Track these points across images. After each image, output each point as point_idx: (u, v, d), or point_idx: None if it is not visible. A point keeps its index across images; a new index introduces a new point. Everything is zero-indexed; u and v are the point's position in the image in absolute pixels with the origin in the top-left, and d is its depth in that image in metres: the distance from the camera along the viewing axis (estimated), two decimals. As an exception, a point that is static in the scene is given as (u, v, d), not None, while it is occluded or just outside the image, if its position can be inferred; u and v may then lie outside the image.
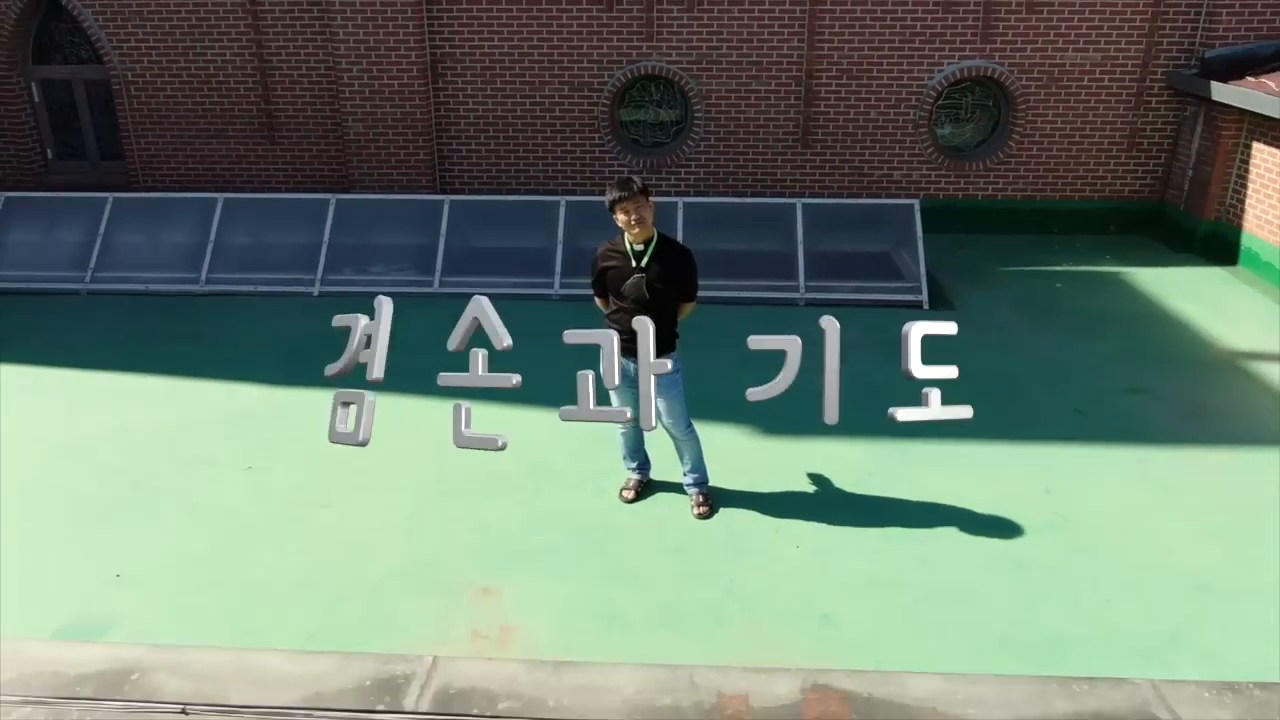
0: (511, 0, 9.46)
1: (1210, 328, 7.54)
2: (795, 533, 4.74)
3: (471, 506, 4.98)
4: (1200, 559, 4.52)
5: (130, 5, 9.73)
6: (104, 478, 5.35)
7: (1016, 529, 4.78)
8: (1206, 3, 9.09)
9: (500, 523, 4.85)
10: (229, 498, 5.16)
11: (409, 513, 4.96)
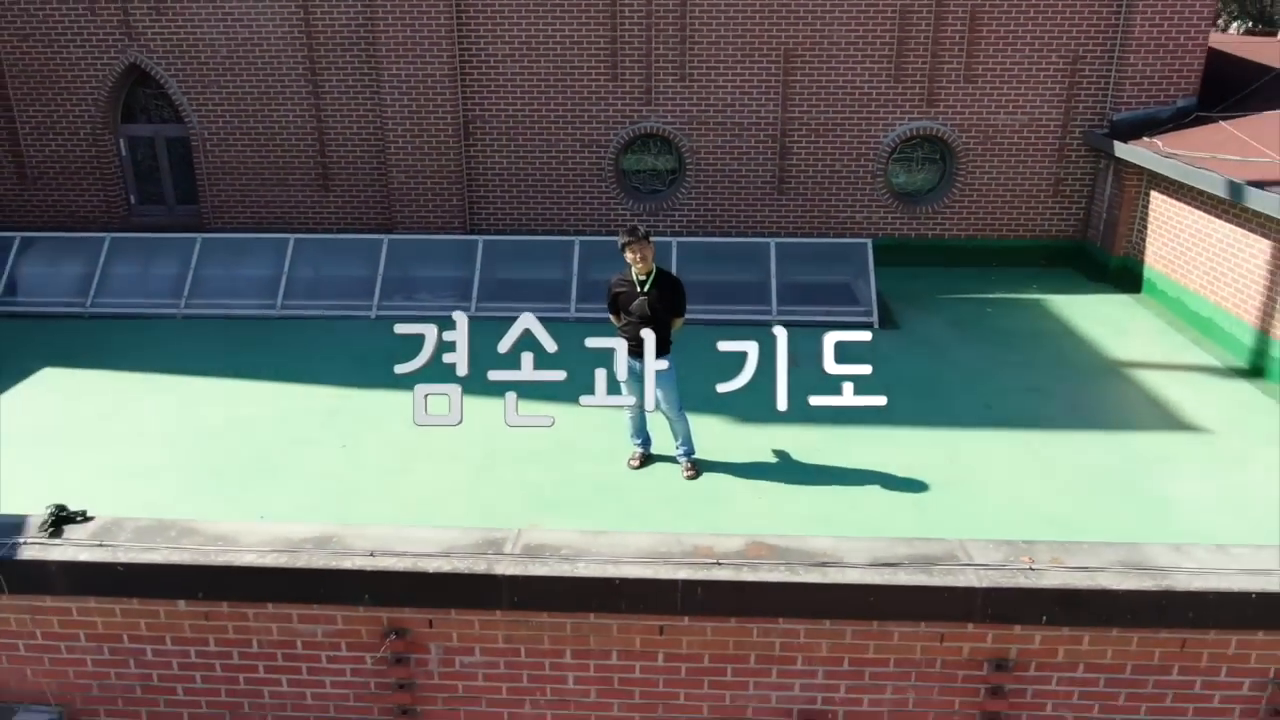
0: (531, 71, 11.30)
1: (1105, 342, 9.28)
2: (760, 488, 6.42)
3: (516, 472, 6.65)
4: (1055, 508, 6.18)
5: (208, 75, 11.56)
6: (230, 455, 7.01)
7: (924, 485, 6.46)
8: (1114, 74, 10.95)
9: (538, 482, 6.52)
10: (331, 467, 6.84)
11: (468, 477, 6.62)
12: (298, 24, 11.29)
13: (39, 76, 11.73)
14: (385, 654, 4.31)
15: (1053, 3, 10.81)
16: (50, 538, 4.36)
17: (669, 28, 11.09)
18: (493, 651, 4.31)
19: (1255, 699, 4.21)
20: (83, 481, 6.42)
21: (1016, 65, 11.05)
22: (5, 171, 12.18)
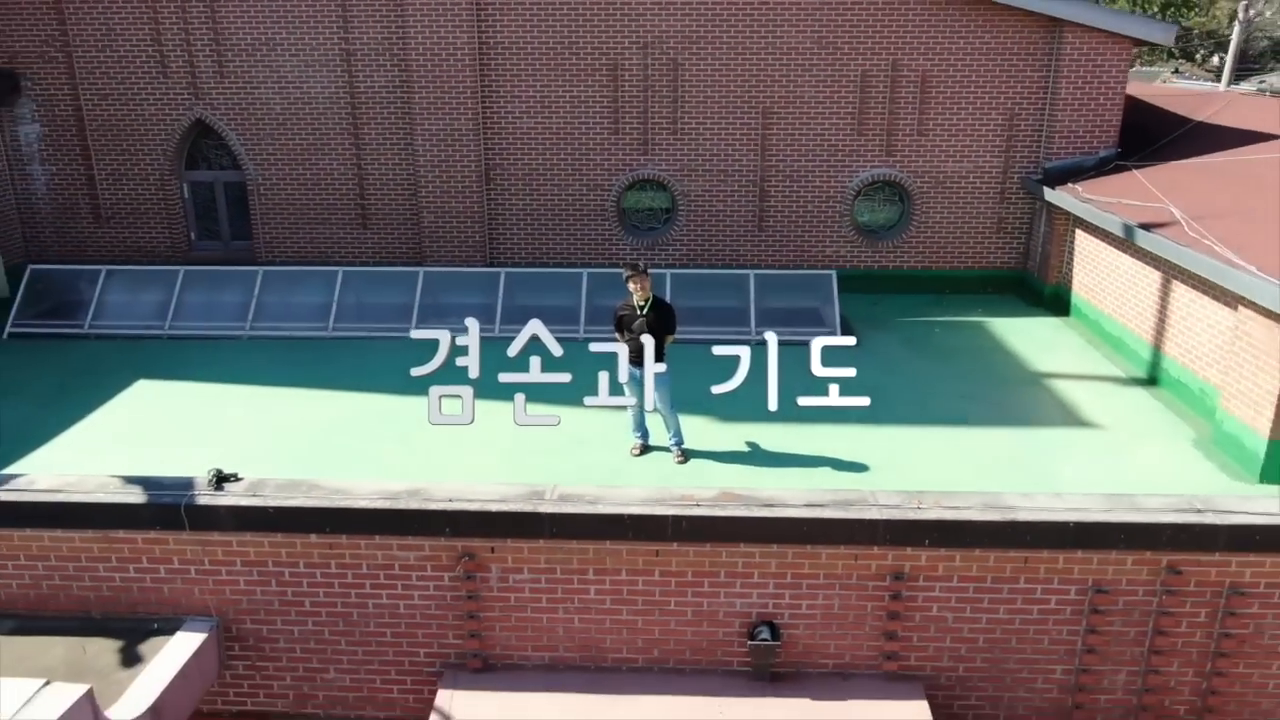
0: (544, 125, 13.14)
1: (1032, 357, 11.06)
2: (740, 469, 8.14)
3: (536, 461, 8.31)
4: (966, 484, 7.90)
5: (264, 129, 13.39)
6: (309, 447, 8.72)
7: (865, 467, 8.18)
8: (1045, 128, 12.81)
9: (555, 468, 8.17)
10: (393, 456, 8.54)
11: (502, 461, 8.31)
12: (343, 86, 13.14)
13: (115, 130, 13.56)
14: (459, 573, 6.02)
15: (991, 68, 12.69)
16: (215, 490, 6.09)
17: (663, 88, 12.95)
18: (536, 570, 6.03)
19: (1080, 601, 5.93)
20: (197, 470, 8.14)
21: (962, 121, 12.91)
22: (83, 212, 13.97)
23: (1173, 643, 5.94)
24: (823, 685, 6.02)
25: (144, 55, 13.21)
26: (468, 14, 12.59)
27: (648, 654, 6.14)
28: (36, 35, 13.23)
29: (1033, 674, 6.08)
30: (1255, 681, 6.02)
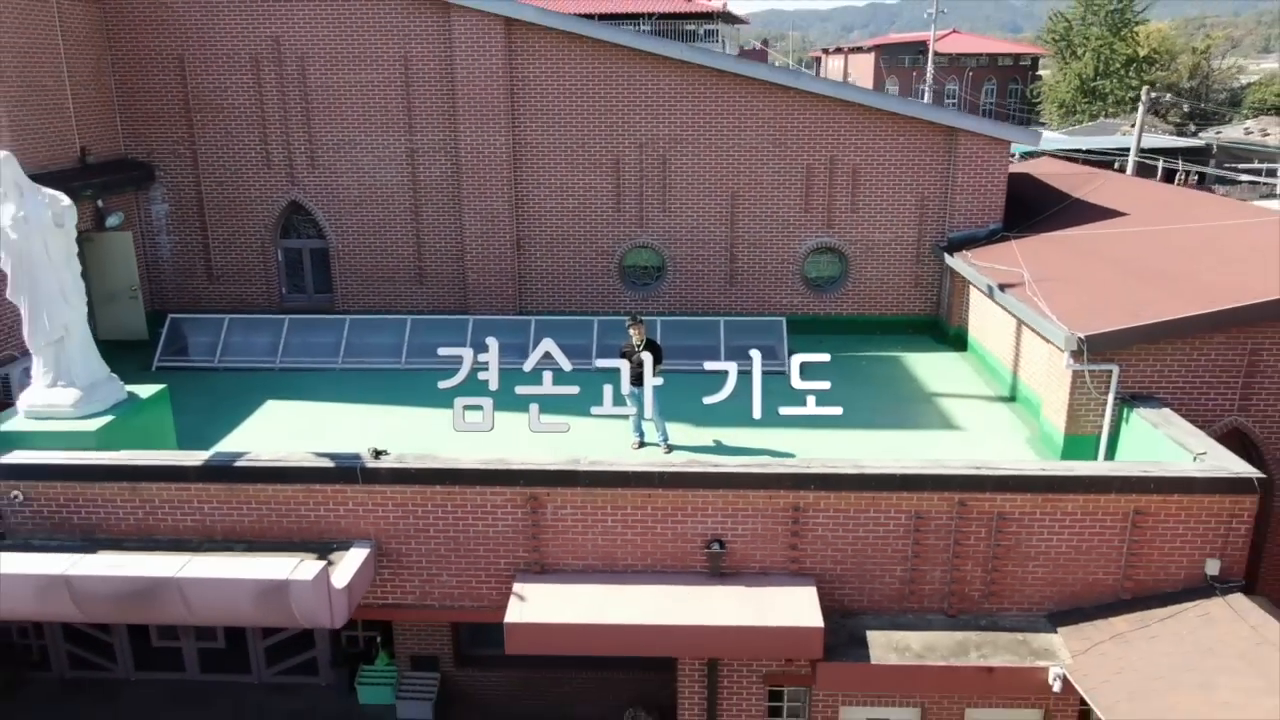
0: (562, 205, 17.11)
1: (931, 382, 14.95)
2: (706, 456, 11.97)
3: (565, 453, 12.16)
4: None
5: (344, 207, 17.36)
6: (407, 443, 12.52)
7: (794, 455, 12.01)
8: (948, 207, 16.83)
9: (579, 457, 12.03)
10: (464, 447, 12.34)
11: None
12: (407, 175, 17.15)
13: (227, 209, 17.53)
14: (528, 509, 9.84)
15: (906, 163, 16.73)
16: (375, 459, 9.92)
17: (654, 177, 16.98)
18: (574, 508, 9.83)
19: (908, 525, 9.75)
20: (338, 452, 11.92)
21: (885, 202, 16.93)
22: (198, 272, 17.90)
23: (965, 550, 9.75)
24: (751, 579, 9.81)
25: (252, 151, 17.23)
26: (504, 121, 16.65)
27: (644, 561, 9.93)
28: (169, 136, 17.26)
29: (882, 572, 9.88)
30: (1018, 575, 9.82)
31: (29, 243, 10.10)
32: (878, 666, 9.51)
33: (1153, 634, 9.39)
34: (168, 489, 10.01)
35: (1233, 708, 8.21)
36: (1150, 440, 10.85)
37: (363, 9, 16.40)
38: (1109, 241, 14.91)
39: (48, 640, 13.95)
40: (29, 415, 10.65)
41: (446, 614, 10.62)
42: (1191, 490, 9.60)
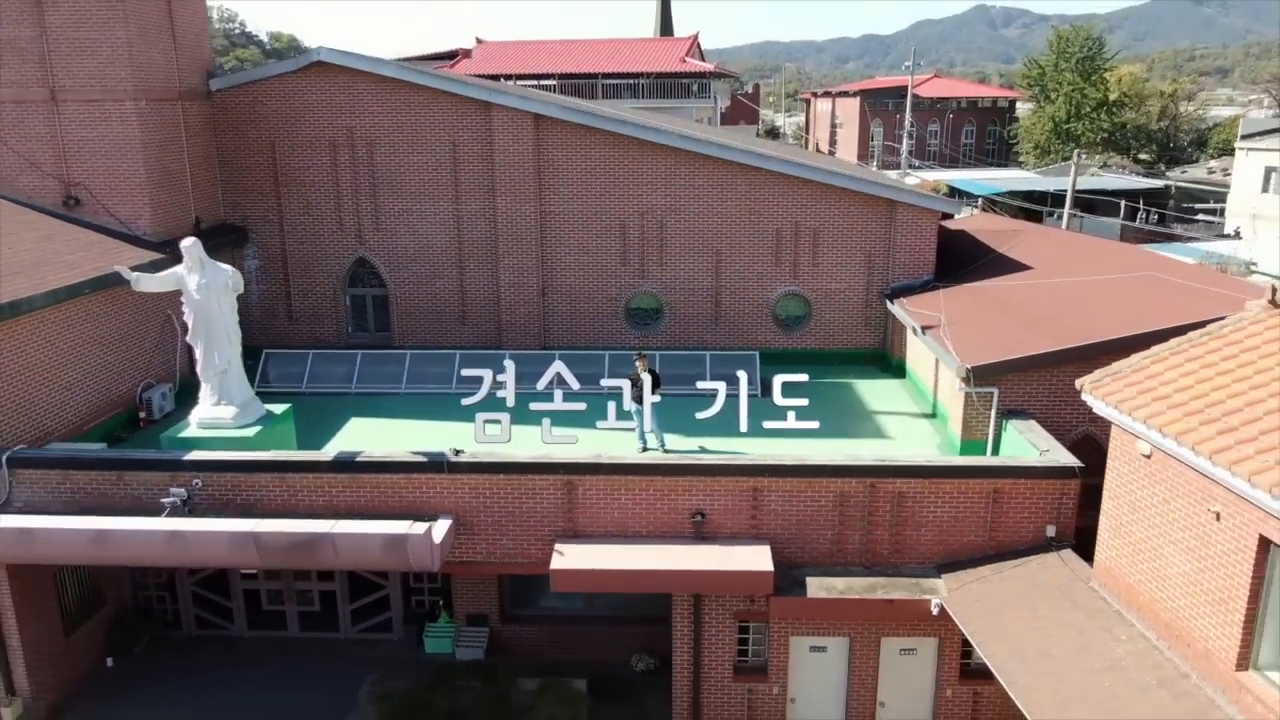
0: (579, 260, 21.29)
1: (875, 403, 19.07)
2: (701, 456, 16.06)
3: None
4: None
5: (401, 262, 21.53)
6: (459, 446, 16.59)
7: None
8: (890, 262, 21.01)
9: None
10: (509, 448, 16.42)
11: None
12: (453, 236, 21.35)
13: (306, 263, 21.69)
14: (564, 491, 13.93)
15: (856, 227, 20.93)
16: (455, 456, 14.01)
17: (653, 238, 21.19)
18: (599, 490, 13.92)
19: (835, 501, 13.83)
20: (415, 456, 16.00)
21: (840, 258, 21.13)
22: (280, 315, 22.04)
23: (876, 520, 13.83)
24: (723, 540, 13.88)
25: (328, 217, 21.46)
26: (533, 193, 20.88)
27: (647, 527, 14.00)
28: (260, 205, 21.47)
29: (817, 535, 13.95)
30: (914, 537, 13.89)
31: (208, 302, 14.29)
32: (812, 600, 13.59)
33: (1004, 576, 13.47)
34: (306, 477, 14.10)
35: (1046, 619, 12.28)
36: (1018, 443, 14.96)
37: (420, 106, 20.68)
38: (1009, 291, 19.10)
39: (180, 605, 17.99)
40: (200, 426, 14.79)
41: (506, 568, 14.70)
42: (1034, 476, 13.73)
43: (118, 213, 18.69)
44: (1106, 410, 12.07)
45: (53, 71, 18.12)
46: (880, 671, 14.73)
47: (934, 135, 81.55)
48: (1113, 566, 12.37)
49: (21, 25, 17.90)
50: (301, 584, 17.81)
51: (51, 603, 15.89)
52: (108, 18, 17.87)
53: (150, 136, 18.77)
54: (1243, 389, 10.70)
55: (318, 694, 16.24)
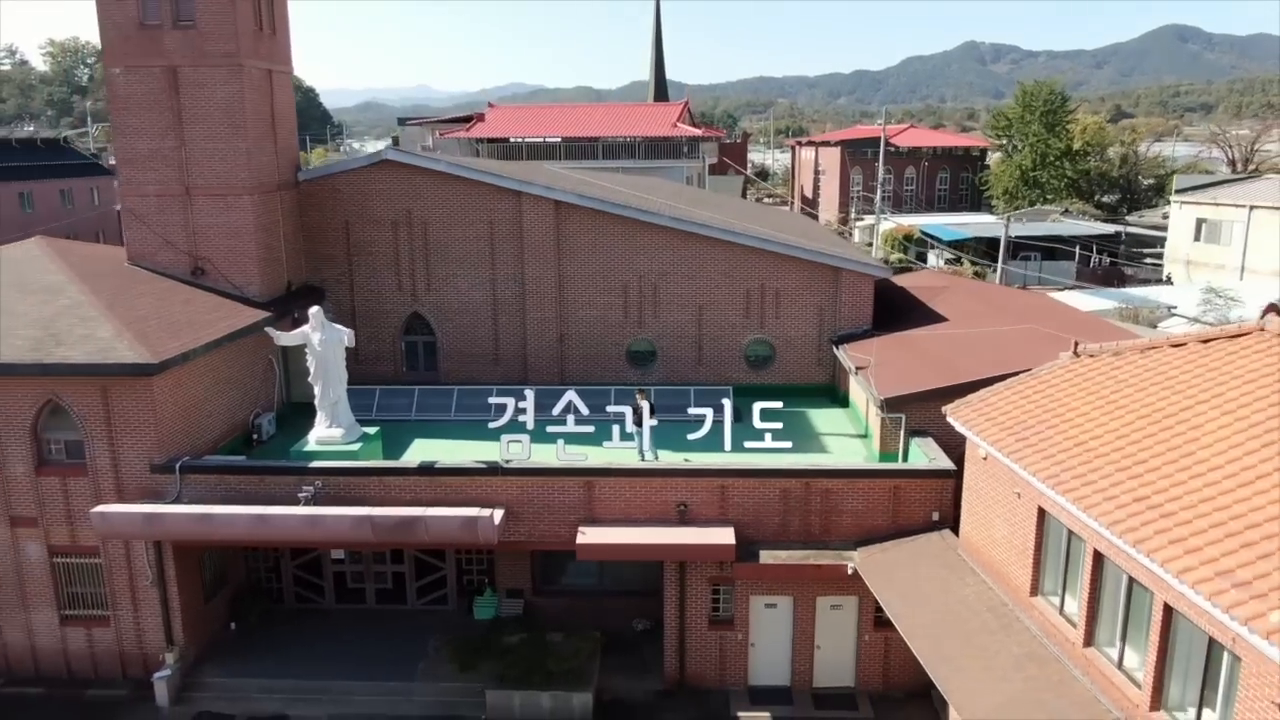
0: (589, 315, 26.94)
1: (822, 426, 24.67)
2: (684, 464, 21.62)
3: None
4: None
5: (448, 316, 27.16)
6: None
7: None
8: (836, 315, 26.68)
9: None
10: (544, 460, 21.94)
11: (587, 465, 21.76)
12: (489, 295, 27.01)
13: (371, 316, 27.31)
14: (585, 488, 19.46)
15: (810, 287, 26.62)
16: (506, 463, 19.54)
17: (649, 297, 26.88)
18: (612, 488, 19.46)
19: (781, 495, 19.38)
20: (470, 466, 21.54)
21: (797, 311, 26.82)
22: (349, 357, 27.57)
23: (809, 509, 19.39)
24: (701, 523, 19.41)
25: (389, 280, 27.13)
26: (553, 261, 26.60)
27: (646, 515, 19.52)
28: (334, 269, 27.14)
29: (767, 520, 19.47)
30: (837, 522, 19.42)
31: (327, 353, 19.94)
32: (764, 565, 19.10)
33: (900, 548, 19.00)
34: (398, 479, 19.63)
35: (922, 575, 17.82)
36: (917, 454, 20.52)
37: (465, 193, 26.44)
38: (925, 338, 24.77)
39: (283, 583, 23.42)
40: (318, 443, 20.36)
41: (542, 545, 20.21)
42: (923, 477, 19.31)
43: (234, 280, 24.31)
44: (961, 428, 17.69)
45: (189, 173, 23.81)
46: (816, 622, 20.23)
47: (910, 182, 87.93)
48: (969, 536, 17.94)
49: (166, 139, 23.61)
50: (378, 566, 23.31)
51: (197, 578, 21.34)
52: (231, 134, 23.60)
53: (259, 221, 24.44)
54: (1040, 414, 16.34)
55: (394, 648, 21.67)
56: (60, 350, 19.40)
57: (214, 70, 23.17)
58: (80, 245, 27.93)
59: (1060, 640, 14.76)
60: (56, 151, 65.69)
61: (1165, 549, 11.89)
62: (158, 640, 20.69)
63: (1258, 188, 54.30)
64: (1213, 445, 13.49)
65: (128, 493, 19.88)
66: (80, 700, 20.55)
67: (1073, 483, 14.06)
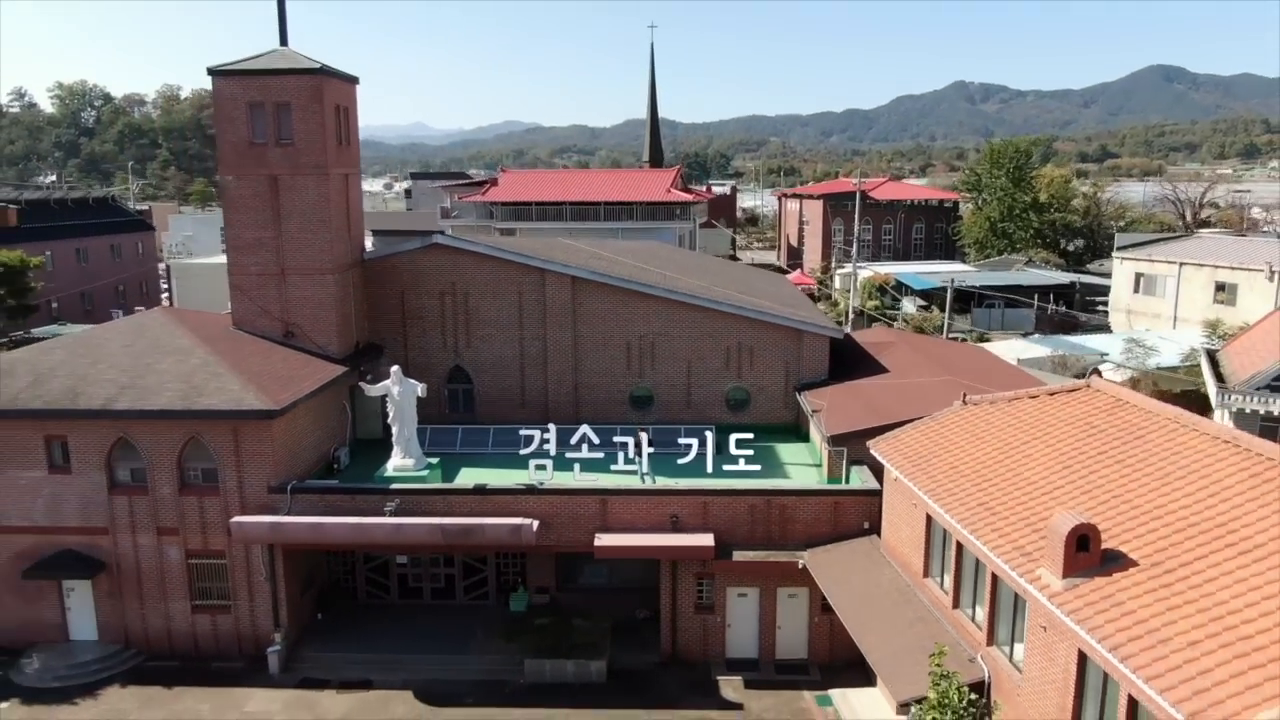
0: (600, 366, 33.39)
1: (787, 457, 31.06)
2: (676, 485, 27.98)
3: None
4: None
5: (484, 367, 33.60)
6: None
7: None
8: (799, 366, 33.21)
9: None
10: (574, 482, 28.29)
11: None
12: (517, 352, 33.49)
13: (422, 368, 33.69)
14: (601, 504, 25.81)
15: (778, 345, 33.15)
16: (539, 483, 25.91)
17: (648, 353, 33.39)
18: (620, 503, 25.80)
19: (748, 509, 25.79)
20: (509, 489, 27.88)
21: (767, 364, 33.32)
22: (402, 401, 33.96)
23: (770, 519, 25.74)
24: (688, 530, 25.71)
25: (436, 339, 33.63)
26: (569, 324, 33.15)
27: (646, 524, 25.83)
28: (391, 330, 33.64)
29: (739, 528, 25.77)
30: (791, 529, 25.71)
31: (404, 401, 26.37)
32: (736, 562, 25.44)
33: (839, 549, 25.34)
34: (458, 497, 25.96)
35: (853, 568, 24.17)
36: (856, 479, 26.89)
37: (499, 269, 33.00)
38: (869, 386, 31.22)
39: (357, 582, 29.66)
40: (395, 470, 26.75)
41: (566, 549, 26.49)
42: (857, 495, 25.73)
43: (317, 340, 30.73)
44: (880, 458, 24.10)
45: (283, 256, 30.31)
46: (777, 607, 26.49)
47: (888, 232, 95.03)
48: (887, 538, 24.30)
49: (267, 230, 30.13)
50: (433, 569, 29.55)
51: (296, 576, 27.54)
52: (319, 226, 30.14)
53: (337, 293, 30.92)
54: (932, 447, 22.78)
55: (448, 631, 27.87)
56: (203, 399, 25.78)
57: (306, 178, 29.77)
58: (191, 313, 34.36)
59: (940, 606, 21.07)
60: (105, 209, 72.38)
61: (989, 536, 18.29)
62: (267, 624, 26.86)
63: (1186, 246, 61.24)
64: (1035, 468, 19.94)
65: (249, 508, 26.14)
66: (207, 670, 26.67)
67: (944, 495, 20.47)
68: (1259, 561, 14.71)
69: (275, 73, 29.34)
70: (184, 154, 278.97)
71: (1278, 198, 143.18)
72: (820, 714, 24.53)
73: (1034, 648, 16.90)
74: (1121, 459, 19.00)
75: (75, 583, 27.07)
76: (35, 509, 26.58)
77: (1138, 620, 14.43)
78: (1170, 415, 19.84)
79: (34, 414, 25.76)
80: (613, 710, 24.51)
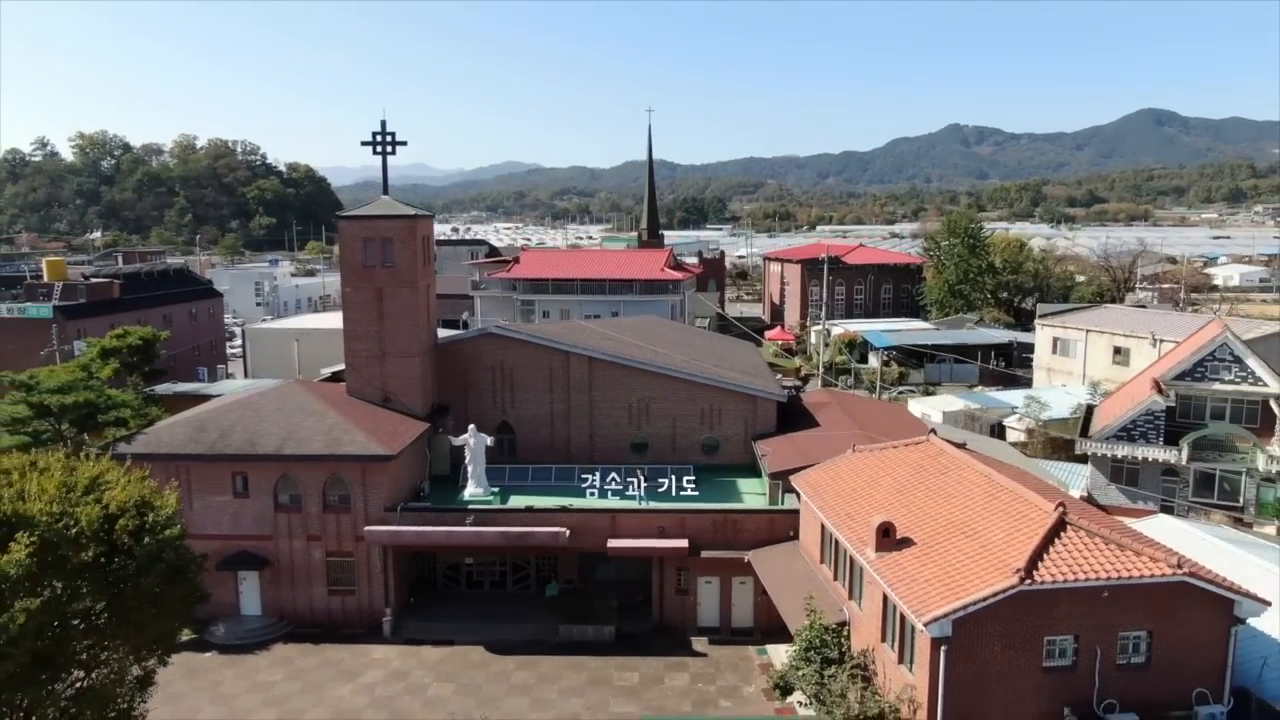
0: (609, 419, 46.15)
1: (744, 489, 43.78)
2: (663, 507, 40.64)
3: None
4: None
5: (525, 421, 46.37)
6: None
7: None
8: (755, 423, 45.96)
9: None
10: (592, 502, 40.93)
11: (610, 509, 40.79)
12: (548, 410, 46.33)
13: (477, 424, 46.42)
14: (610, 520, 38.49)
15: (739, 406, 45.96)
16: (570, 508, 38.61)
17: (643, 412, 46.23)
18: (626, 519, 38.49)
19: (712, 524, 38.41)
20: (547, 509, 40.50)
21: (732, 419, 46.17)
22: (459, 450, 46.66)
23: (727, 530, 38.34)
24: (670, 537, 38.36)
25: (488, 401, 46.57)
26: (586, 390, 46.13)
27: (642, 534, 38.47)
28: (454, 395, 46.57)
29: (705, 535, 38.41)
30: (740, 536, 38.37)
31: (478, 447, 39.23)
32: (704, 559, 38.14)
33: (772, 550, 38.01)
34: (515, 514, 38.63)
35: (780, 562, 36.86)
36: (788, 502, 39.55)
37: (535, 351, 45.91)
38: (802, 438, 43.92)
39: (437, 576, 42.33)
40: (470, 496, 39.57)
41: (587, 549, 39.06)
42: (785, 513, 38.47)
43: (406, 403, 43.51)
44: (798, 488, 36.82)
45: (383, 343, 43.20)
46: (732, 591, 39.06)
47: (859, 292, 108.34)
48: (803, 540, 37.02)
49: (372, 325, 43.08)
50: (491, 567, 42.13)
51: (398, 570, 40.12)
52: (410, 323, 43.07)
53: (422, 370, 43.77)
54: (829, 480, 35.56)
55: (503, 609, 40.41)
56: (342, 448, 38.55)
57: (402, 289, 42.82)
58: (316, 385, 47.25)
59: (827, 580, 33.70)
60: (183, 279, 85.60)
61: (846, 533, 30.96)
62: (380, 603, 39.39)
63: (1093, 315, 74.33)
64: (881, 492, 32.67)
65: (372, 522, 38.75)
66: (339, 634, 39.16)
67: (829, 510, 33.19)
68: (974, 540, 27.40)
69: (382, 218, 42.57)
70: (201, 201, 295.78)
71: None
72: (758, 659, 37.04)
73: (865, 595, 29.54)
74: (929, 487, 31.73)
75: (247, 573, 39.66)
76: (223, 522, 39.27)
77: (907, 574, 27.10)
78: (964, 460, 32.59)
79: (228, 458, 38.57)
80: (620, 658, 36.99)
